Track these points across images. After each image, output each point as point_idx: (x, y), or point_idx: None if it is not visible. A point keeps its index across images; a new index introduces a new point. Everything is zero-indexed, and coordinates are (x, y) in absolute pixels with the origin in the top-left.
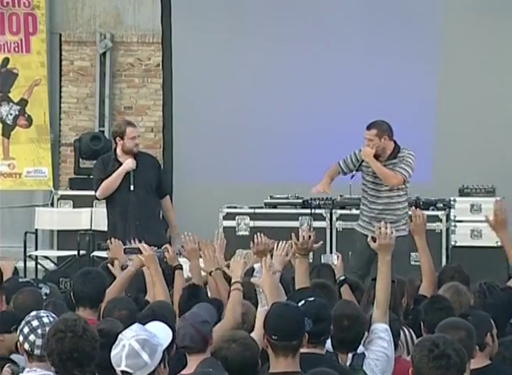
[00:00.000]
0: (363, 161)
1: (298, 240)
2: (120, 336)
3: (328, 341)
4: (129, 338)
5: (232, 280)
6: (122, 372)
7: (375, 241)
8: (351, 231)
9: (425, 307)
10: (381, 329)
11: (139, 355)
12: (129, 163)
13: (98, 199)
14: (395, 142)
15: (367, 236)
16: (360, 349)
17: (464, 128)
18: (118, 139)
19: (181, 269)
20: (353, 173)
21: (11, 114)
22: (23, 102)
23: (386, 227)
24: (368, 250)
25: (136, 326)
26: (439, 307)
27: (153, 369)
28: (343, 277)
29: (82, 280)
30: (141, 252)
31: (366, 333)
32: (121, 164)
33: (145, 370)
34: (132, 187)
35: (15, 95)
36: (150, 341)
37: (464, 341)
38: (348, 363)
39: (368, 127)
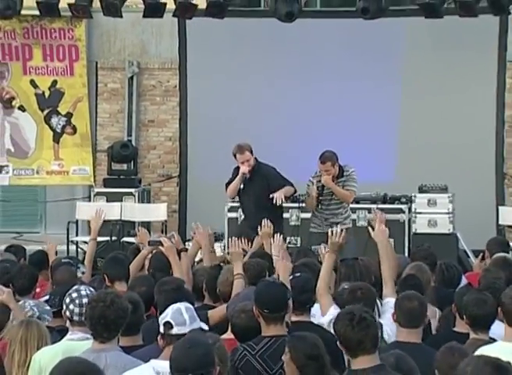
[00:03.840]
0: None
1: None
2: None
3: None
4: (179, 304)
5: (235, 272)
6: (165, 323)
7: (373, 229)
8: None
9: (400, 283)
10: (392, 302)
11: (182, 314)
12: (241, 171)
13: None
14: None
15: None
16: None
17: (422, 138)
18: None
19: (186, 251)
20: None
21: (60, 124)
22: (69, 115)
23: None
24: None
25: (184, 303)
26: (411, 284)
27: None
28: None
29: (114, 262)
30: (163, 244)
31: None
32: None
33: (182, 329)
34: (246, 198)
35: (62, 109)
36: (193, 312)
37: (417, 310)
38: None
39: (323, 162)
